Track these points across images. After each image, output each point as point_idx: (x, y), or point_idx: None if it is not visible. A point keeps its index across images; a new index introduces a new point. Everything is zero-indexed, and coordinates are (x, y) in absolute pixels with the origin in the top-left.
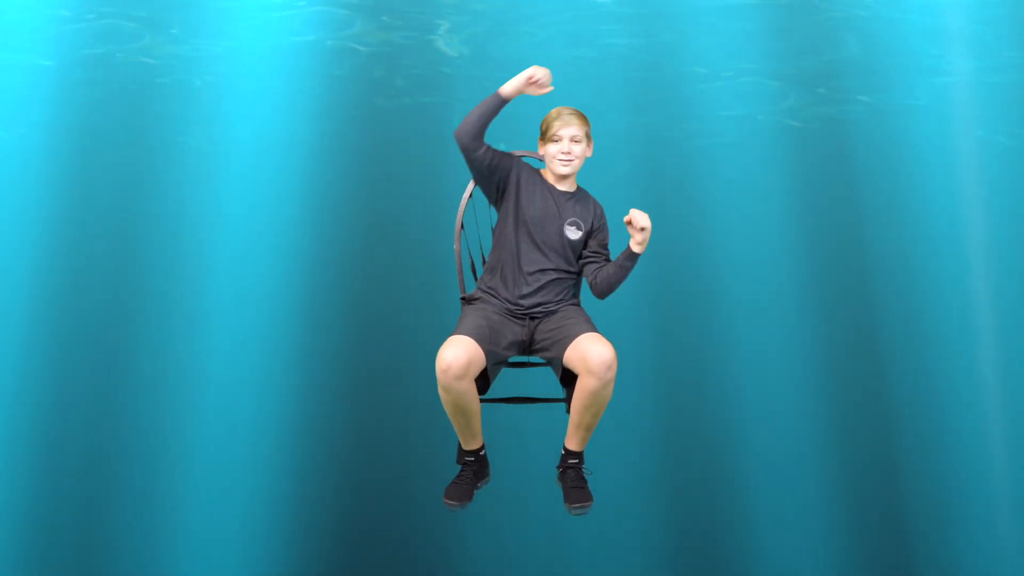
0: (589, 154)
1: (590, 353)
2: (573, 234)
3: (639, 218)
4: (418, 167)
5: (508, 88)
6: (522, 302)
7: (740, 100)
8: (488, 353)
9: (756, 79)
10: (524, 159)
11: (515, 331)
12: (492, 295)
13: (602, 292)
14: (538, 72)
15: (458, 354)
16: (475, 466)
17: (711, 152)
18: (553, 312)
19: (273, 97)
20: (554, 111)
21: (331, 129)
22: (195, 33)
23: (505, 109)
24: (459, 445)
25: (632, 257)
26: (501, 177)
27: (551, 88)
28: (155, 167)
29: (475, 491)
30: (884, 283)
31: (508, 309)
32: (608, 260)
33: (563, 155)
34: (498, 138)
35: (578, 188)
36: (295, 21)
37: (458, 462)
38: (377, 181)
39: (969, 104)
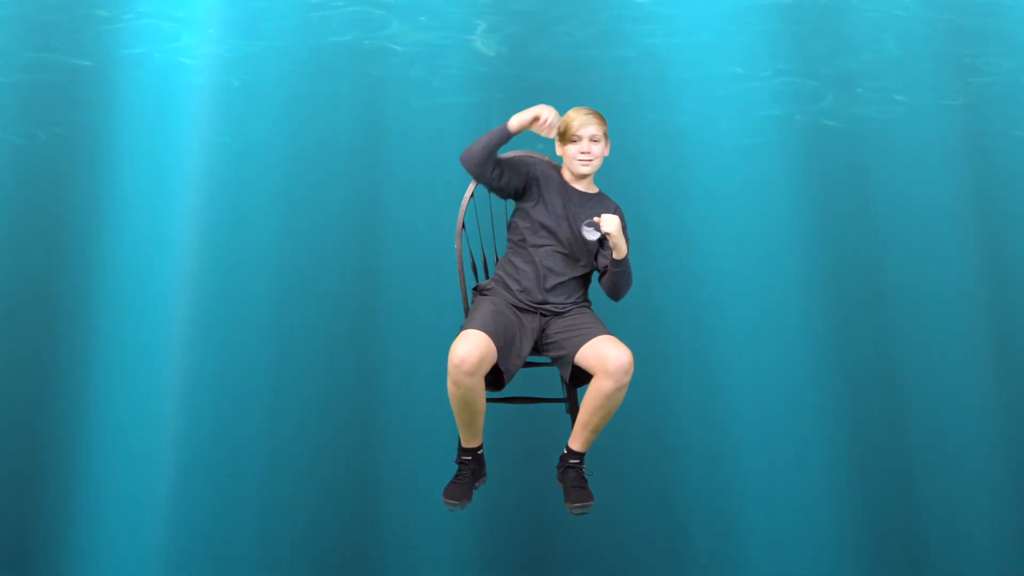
0: (607, 153)
1: (609, 356)
2: (591, 235)
3: (605, 223)
4: (449, 166)
5: (514, 123)
6: (536, 297)
7: (777, 100)
8: (500, 350)
9: (793, 79)
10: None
11: (528, 325)
12: (506, 287)
13: (612, 297)
14: (545, 112)
15: (471, 349)
16: (473, 465)
17: (748, 152)
18: (564, 312)
19: (310, 97)
20: (572, 111)
21: (368, 129)
22: (232, 33)
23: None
24: (459, 444)
25: (617, 263)
26: (517, 186)
27: (555, 131)
28: (191, 168)
29: (473, 491)
30: (917, 284)
31: (521, 302)
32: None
33: (583, 155)
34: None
35: (598, 191)
36: (333, 21)
37: (456, 461)
38: (413, 181)
39: (1007, 104)
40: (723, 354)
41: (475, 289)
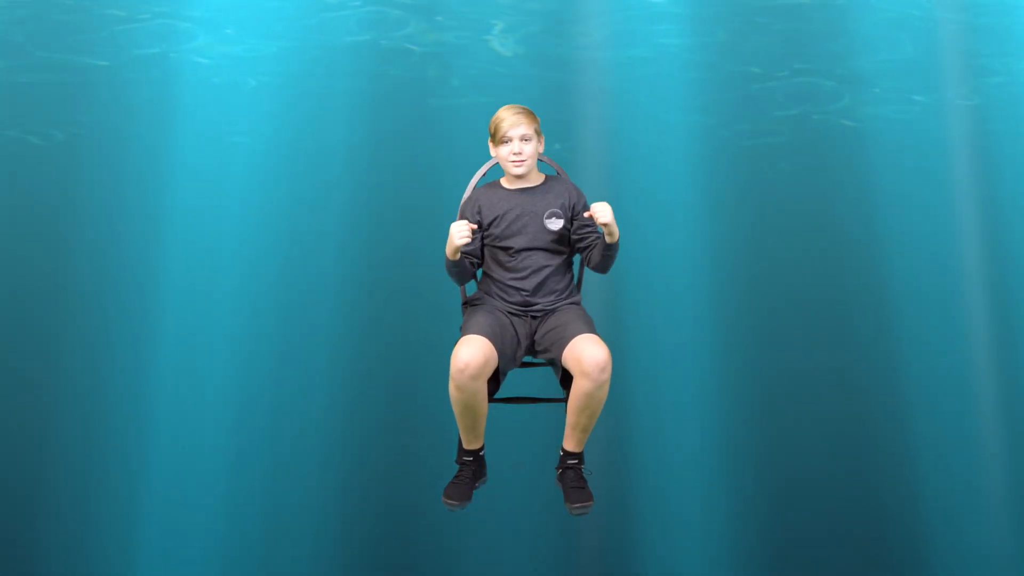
0: (541, 149)
1: (584, 355)
2: (555, 225)
3: (599, 214)
4: (463, 165)
5: (449, 251)
6: (520, 300)
7: (794, 100)
8: (501, 354)
9: (811, 79)
10: (480, 182)
11: (521, 329)
12: (492, 297)
13: (600, 272)
14: (456, 232)
15: (475, 354)
16: (473, 466)
17: (765, 152)
18: (553, 311)
19: (327, 97)
20: (501, 112)
21: (385, 129)
22: (249, 33)
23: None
24: (459, 445)
25: (610, 246)
26: (483, 237)
27: (469, 235)
28: (208, 167)
29: (473, 491)
30: (931, 279)
31: (511, 308)
32: (598, 235)
33: (515, 156)
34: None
35: (546, 178)
36: (349, 21)
37: (457, 461)
38: (430, 181)
39: (1022, 104)
40: (725, 351)
41: (464, 304)
